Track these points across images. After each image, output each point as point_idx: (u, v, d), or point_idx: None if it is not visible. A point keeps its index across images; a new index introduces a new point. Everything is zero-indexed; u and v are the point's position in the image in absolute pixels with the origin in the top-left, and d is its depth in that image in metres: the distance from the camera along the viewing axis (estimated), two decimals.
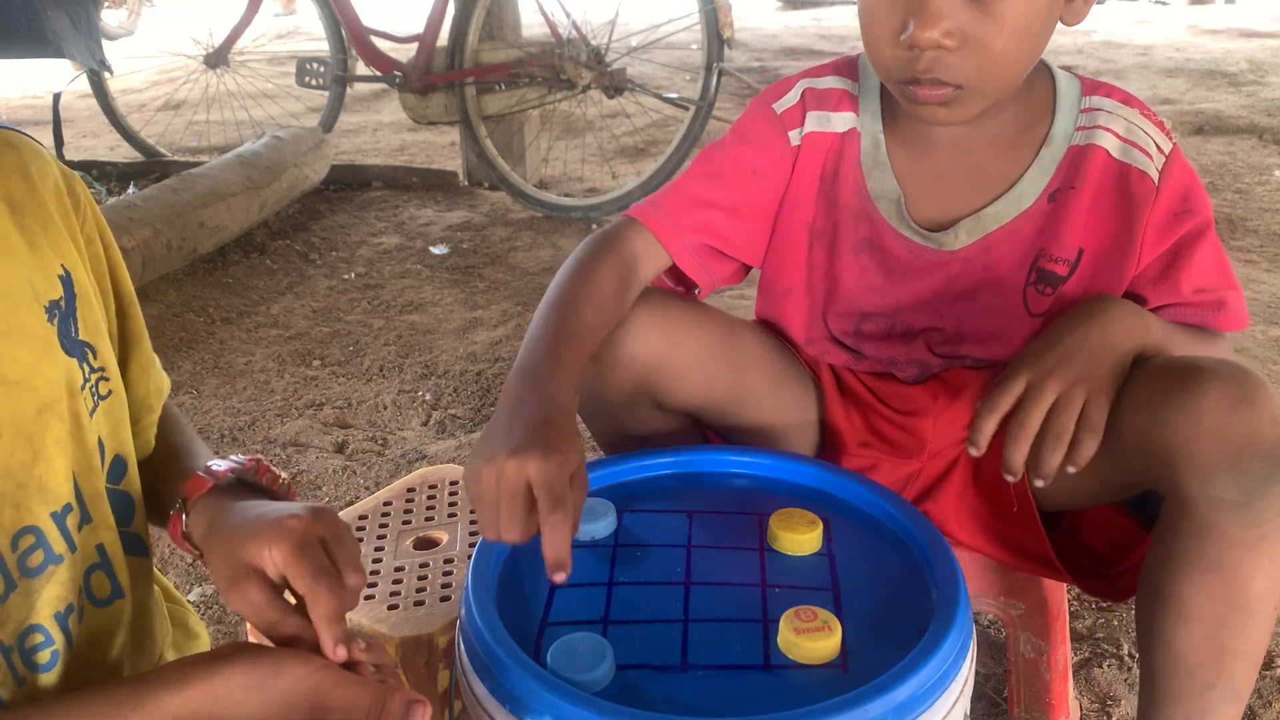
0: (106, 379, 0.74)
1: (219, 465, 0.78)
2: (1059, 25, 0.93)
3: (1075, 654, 1.28)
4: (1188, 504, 0.81)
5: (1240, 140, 3.76)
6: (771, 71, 5.10)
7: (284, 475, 0.82)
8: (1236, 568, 0.81)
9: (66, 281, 0.70)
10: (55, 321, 0.69)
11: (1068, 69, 1.05)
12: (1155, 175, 0.96)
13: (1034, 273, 1.00)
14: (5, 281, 0.66)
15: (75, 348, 0.71)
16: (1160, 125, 0.99)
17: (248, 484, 0.79)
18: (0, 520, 0.64)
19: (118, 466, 0.75)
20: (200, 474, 0.77)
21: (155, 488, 0.80)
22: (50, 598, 0.67)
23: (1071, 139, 0.99)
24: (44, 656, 0.67)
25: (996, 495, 1.02)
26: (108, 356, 0.74)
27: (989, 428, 0.88)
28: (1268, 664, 1.28)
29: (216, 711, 0.59)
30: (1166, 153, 0.97)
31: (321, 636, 0.65)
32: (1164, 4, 7.24)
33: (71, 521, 0.69)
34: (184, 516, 0.76)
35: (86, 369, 0.71)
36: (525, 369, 0.87)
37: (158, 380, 0.84)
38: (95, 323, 0.73)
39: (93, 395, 0.72)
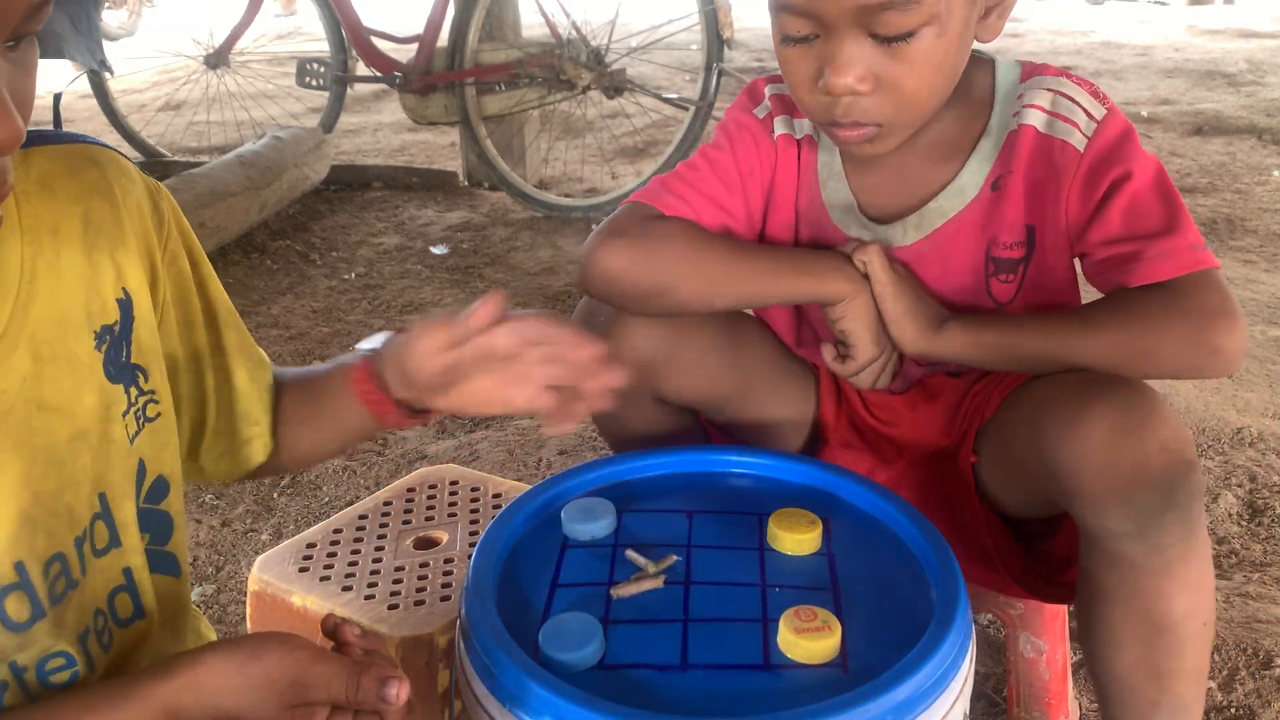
0: (156, 401, 0.73)
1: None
2: (1002, 40, 0.93)
3: (1075, 654, 1.28)
4: (1091, 535, 0.82)
5: (1240, 140, 3.76)
6: (771, 72, 5.09)
7: None
8: (1152, 594, 0.81)
9: (125, 305, 0.70)
10: (104, 348, 0.68)
11: (1056, 65, 1.04)
12: (1081, 144, 0.93)
13: (990, 264, 1.00)
14: (62, 307, 0.66)
15: (124, 372, 0.70)
16: (1094, 93, 0.95)
17: None
18: (34, 547, 0.64)
19: (159, 487, 0.75)
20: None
21: (324, 404, 0.86)
22: (72, 623, 0.67)
23: (1009, 126, 0.98)
24: (63, 677, 0.67)
25: (952, 495, 1.02)
26: (159, 378, 0.74)
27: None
28: (1266, 664, 1.28)
29: (203, 697, 0.61)
30: (1099, 119, 0.94)
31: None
32: (1164, 4, 7.24)
33: (87, 547, 0.69)
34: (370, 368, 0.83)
35: (134, 392, 0.71)
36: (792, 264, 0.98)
37: (265, 378, 0.85)
38: (151, 345, 0.73)
39: (137, 419, 0.72)
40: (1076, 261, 0.98)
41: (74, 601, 0.68)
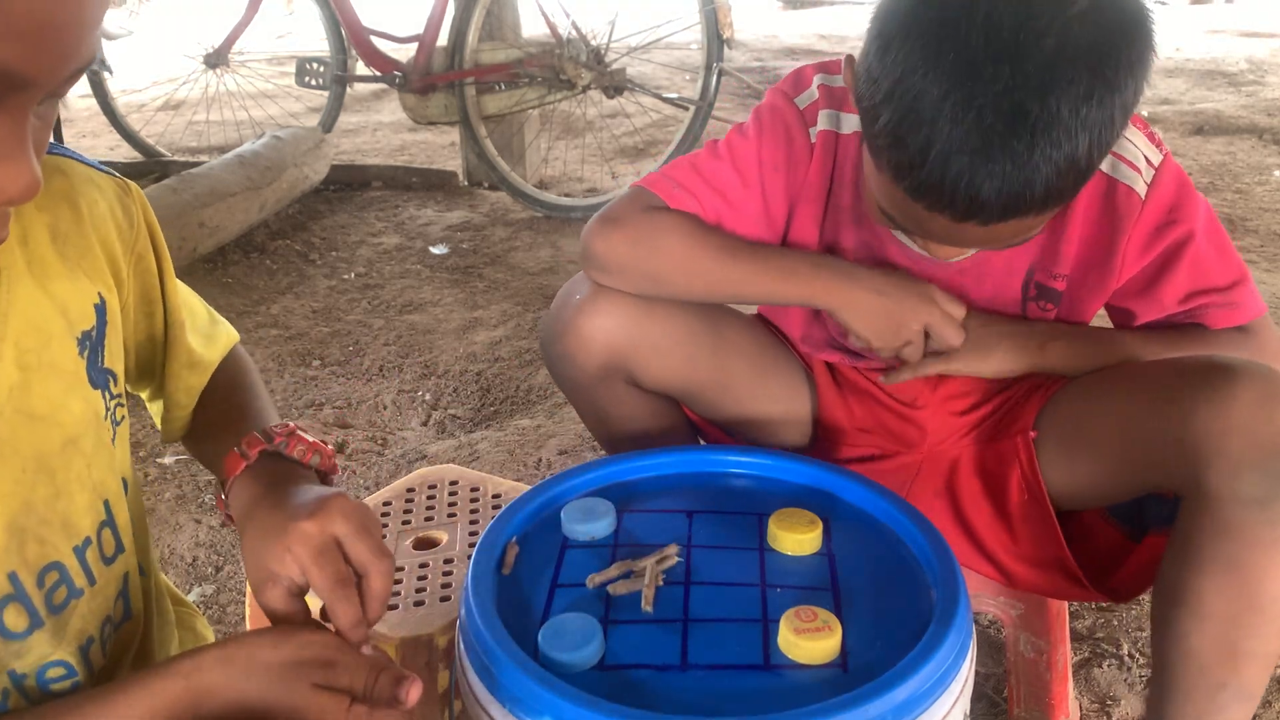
0: (123, 405, 0.74)
1: (250, 447, 0.76)
2: None
3: (1075, 654, 1.28)
4: (1211, 501, 0.82)
5: (1240, 140, 3.76)
6: (771, 71, 5.09)
7: (321, 443, 0.79)
8: (1256, 567, 0.81)
9: (100, 310, 0.70)
10: (85, 353, 0.69)
11: None
12: (1143, 190, 0.96)
13: (1033, 287, 1.01)
14: (42, 315, 0.66)
15: (100, 377, 0.70)
16: (1151, 137, 0.98)
17: (284, 458, 0.77)
18: (25, 556, 0.64)
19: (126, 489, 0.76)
20: (236, 453, 0.75)
21: (212, 455, 0.82)
22: (74, 632, 0.67)
23: None
24: (63, 686, 0.67)
25: (1003, 492, 1.02)
26: (124, 382, 0.75)
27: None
28: None
29: (232, 674, 0.63)
30: (1156, 165, 0.97)
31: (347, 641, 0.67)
32: (1164, 4, 7.25)
33: (93, 555, 0.69)
34: (224, 498, 0.76)
35: (107, 396, 0.71)
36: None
37: (188, 379, 0.83)
38: (118, 351, 0.73)
39: (113, 424, 0.72)
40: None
41: (79, 610, 0.68)
